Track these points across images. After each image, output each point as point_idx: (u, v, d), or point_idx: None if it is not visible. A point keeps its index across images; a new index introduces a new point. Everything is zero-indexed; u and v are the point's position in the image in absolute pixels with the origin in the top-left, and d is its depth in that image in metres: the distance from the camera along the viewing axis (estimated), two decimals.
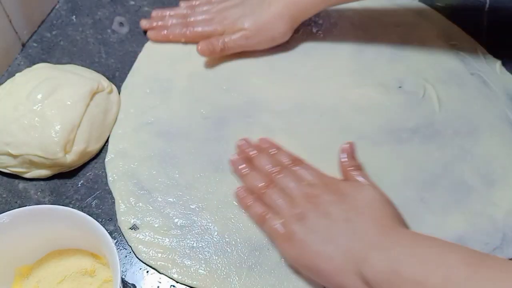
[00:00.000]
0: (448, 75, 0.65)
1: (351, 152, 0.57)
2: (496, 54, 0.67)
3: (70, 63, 0.68)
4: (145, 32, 0.70)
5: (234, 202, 0.56)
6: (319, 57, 0.67)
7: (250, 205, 0.54)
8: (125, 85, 0.65)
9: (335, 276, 0.46)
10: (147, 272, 0.52)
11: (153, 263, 0.52)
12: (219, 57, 0.66)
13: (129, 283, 0.51)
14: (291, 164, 0.55)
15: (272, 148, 0.58)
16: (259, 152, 0.57)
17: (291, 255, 0.50)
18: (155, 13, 0.71)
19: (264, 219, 0.52)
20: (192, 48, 0.68)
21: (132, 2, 0.74)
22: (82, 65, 0.67)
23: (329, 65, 0.66)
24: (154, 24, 0.70)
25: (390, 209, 0.50)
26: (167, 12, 0.71)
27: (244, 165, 0.57)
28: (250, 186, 0.55)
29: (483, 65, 0.66)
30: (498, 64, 0.66)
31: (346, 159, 0.56)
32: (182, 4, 0.72)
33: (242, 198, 0.55)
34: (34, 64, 0.64)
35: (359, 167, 0.56)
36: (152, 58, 0.68)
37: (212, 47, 0.65)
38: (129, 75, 0.66)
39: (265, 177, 0.55)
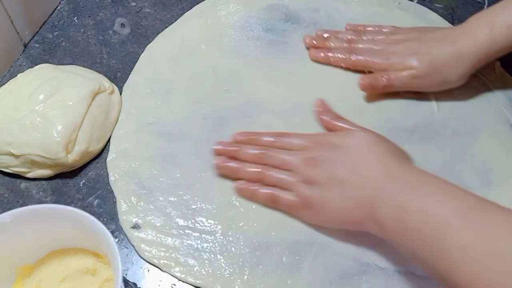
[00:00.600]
0: None
1: (325, 106, 0.58)
2: None
3: (71, 63, 0.68)
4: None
5: (235, 202, 0.56)
6: None
7: (255, 192, 0.54)
8: (126, 86, 0.66)
9: (358, 225, 0.49)
10: (148, 271, 0.52)
11: (156, 261, 0.52)
12: (380, 93, 0.63)
13: (130, 282, 0.52)
14: (274, 141, 0.56)
15: (249, 135, 0.58)
16: (238, 146, 0.57)
17: (314, 220, 0.52)
18: (320, 31, 0.68)
19: (275, 197, 0.53)
20: (192, 49, 0.69)
21: (134, 3, 0.75)
22: (84, 66, 0.67)
23: (329, 65, 0.66)
24: (318, 43, 0.67)
25: (389, 147, 0.52)
26: (332, 34, 0.67)
27: (230, 163, 0.56)
28: (245, 176, 0.55)
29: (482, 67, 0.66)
30: (497, 64, 0.66)
31: (325, 114, 0.57)
32: (348, 27, 0.69)
33: (244, 188, 0.55)
34: (36, 64, 0.65)
35: (339, 116, 0.56)
36: (153, 59, 0.68)
37: (376, 83, 0.61)
38: (130, 76, 0.67)
39: (256, 162, 0.55)
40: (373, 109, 0.62)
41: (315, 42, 0.67)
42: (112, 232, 0.54)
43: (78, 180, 0.58)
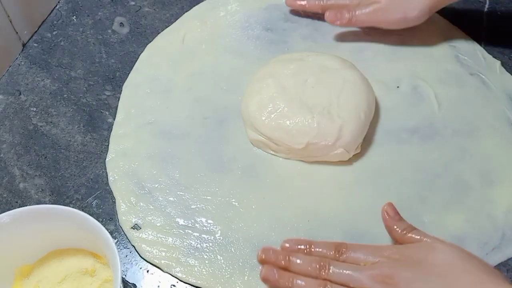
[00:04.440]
0: (447, 76, 0.65)
1: (395, 213, 0.49)
2: (495, 54, 0.67)
3: (70, 63, 0.68)
4: None
5: (235, 202, 0.56)
6: None
7: None
8: (125, 85, 0.66)
9: None
10: (148, 271, 0.52)
11: (157, 262, 0.52)
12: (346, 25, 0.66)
13: (129, 282, 0.52)
14: (335, 254, 0.46)
15: (301, 244, 0.48)
16: (288, 256, 0.46)
17: None
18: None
19: None
20: (192, 48, 0.69)
21: (133, 3, 0.75)
22: (83, 66, 0.67)
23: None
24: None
25: (479, 263, 0.43)
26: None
27: (282, 277, 0.45)
28: None
29: (482, 66, 0.66)
30: (497, 64, 0.66)
31: (396, 225, 0.48)
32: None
33: None
34: (34, 64, 0.64)
35: (412, 227, 0.48)
36: (153, 59, 0.68)
37: (340, 16, 0.65)
38: (129, 76, 0.66)
39: (315, 280, 0.45)
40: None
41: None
42: (111, 233, 0.54)
43: (77, 181, 0.58)
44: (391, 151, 0.59)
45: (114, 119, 0.63)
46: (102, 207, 0.56)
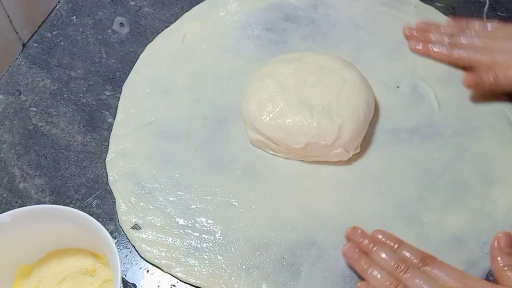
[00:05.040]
0: (447, 75, 0.65)
1: (507, 244, 0.49)
2: None
3: (70, 63, 0.68)
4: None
5: (235, 202, 0.56)
6: None
7: None
8: (125, 85, 0.66)
9: None
10: (148, 271, 0.52)
11: (157, 262, 0.52)
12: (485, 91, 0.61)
13: (129, 282, 0.52)
14: (419, 262, 0.48)
15: (391, 241, 0.50)
16: (375, 246, 0.50)
17: None
18: (420, 24, 0.67)
19: None
20: (192, 48, 0.69)
21: (133, 3, 0.75)
22: (83, 66, 0.67)
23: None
24: (418, 35, 0.66)
25: None
26: (433, 26, 0.66)
27: (361, 260, 0.49)
28: (373, 285, 0.48)
29: None
30: None
31: (501, 257, 0.48)
32: (449, 21, 0.67)
33: None
34: (34, 64, 0.64)
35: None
36: (153, 59, 0.68)
37: (481, 81, 0.59)
38: (129, 75, 0.66)
39: (389, 276, 0.47)
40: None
41: (415, 34, 0.66)
42: (111, 233, 0.54)
43: (77, 181, 0.58)
44: (391, 151, 0.59)
45: (114, 119, 0.63)
46: (102, 207, 0.56)
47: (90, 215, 0.45)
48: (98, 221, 0.45)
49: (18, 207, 0.49)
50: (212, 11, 0.72)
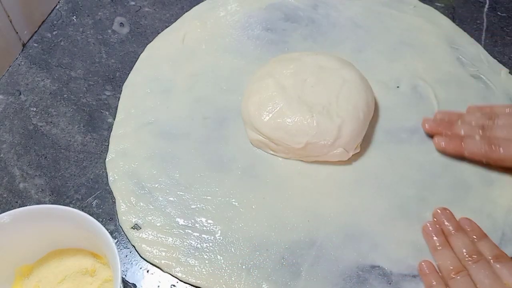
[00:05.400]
0: (447, 76, 0.65)
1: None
2: (495, 54, 0.67)
3: (70, 63, 0.68)
4: None
5: (234, 202, 0.56)
6: None
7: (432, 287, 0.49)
8: (125, 85, 0.66)
9: None
10: (148, 271, 0.52)
11: (157, 262, 0.52)
12: None
13: (129, 282, 0.52)
14: (492, 258, 0.48)
15: (475, 233, 0.51)
16: (456, 231, 0.51)
17: None
18: (440, 115, 0.59)
19: None
20: (192, 48, 0.69)
21: (133, 3, 0.75)
22: (83, 66, 0.67)
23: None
24: (443, 130, 0.58)
25: None
26: (457, 117, 0.58)
27: (437, 238, 0.51)
28: (439, 263, 0.50)
29: (484, 67, 0.66)
30: (504, 72, 0.65)
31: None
32: (471, 110, 0.59)
33: (426, 274, 0.50)
34: (34, 64, 0.64)
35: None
36: (153, 59, 0.68)
37: None
38: (129, 76, 0.66)
39: (457, 261, 0.49)
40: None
41: (438, 128, 0.58)
42: (111, 233, 0.54)
43: (77, 181, 0.58)
44: (391, 151, 0.59)
45: (114, 119, 0.63)
46: (102, 207, 0.56)
47: (90, 215, 0.45)
48: (98, 221, 0.45)
49: (18, 207, 0.49)
50: (212, 11, 0.72)
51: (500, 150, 0.53)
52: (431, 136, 0.59)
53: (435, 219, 0.53)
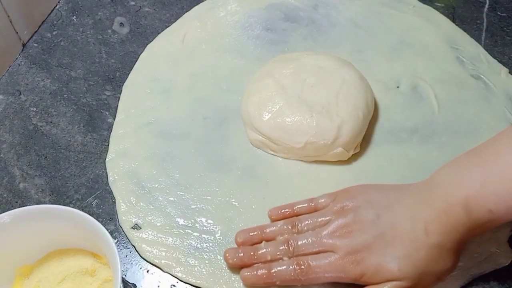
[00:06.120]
0: (447, 76, 0.65)
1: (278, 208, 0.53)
2: (495, 54, 0.67)
3: (70, 63, 0.68)
4: None
5: (234, 202, 0.56)
6: None
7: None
8: (125, 85, 0.66)
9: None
10: (148, 271, 0.52)
11: (157, 262, 0.52)
12: None
13: (129, 282, 0.52)
14: (288, 228, 0.51)
15: (253, 231, 0.51)
16: (251, 250, 0.50)
17: (372, 267, 0.46)
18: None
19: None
20: (192, 48, 0.69)
21: (133, 3, 0.75)
22: (83, 66, 0.67)
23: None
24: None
25: (388, 185, 0.52)
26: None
27: (257, 271, 0.49)
28: (283, 278, 0.48)
29: (484, 67, 0.66)
30: (504, 71, 0.65)
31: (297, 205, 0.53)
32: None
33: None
34: (34, 64, 0.64)
35: (311, 199, 0.53)
36: (153, 59, 0.68)
37: None
38: (129, 76, 0.66)
39: (287, 261, 0.49)
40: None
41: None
42: (111, 233, 0.54)
43: (77, 181, 0.58)
44: (390, 151, 0.59)
45: (114, 119, 0.63)
46: (102, 207, 0.56)
47: (90, 215, 0.45)
48: (98, 221, 0.45)
49: (18, 207, 0.49)
50: (212, 11, 0.72)
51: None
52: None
53: (234, 266, 0.51)
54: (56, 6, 0.74)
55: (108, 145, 0.61)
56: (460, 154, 0.47)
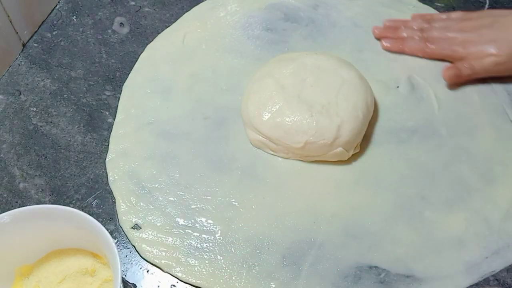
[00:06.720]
0: None
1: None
2: None
3: (70, 63, 0.68)
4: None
5: (234, 202, 0.56)
6: None
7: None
8: (125, 85, 0.66)
9: None
10: (148, 271, 0.52)
11: (157, 261, 0.52)
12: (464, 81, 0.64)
13: (129, 282, 0.52)
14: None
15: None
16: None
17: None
18: (388, 22, 0.70)
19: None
20: (192, 48, 0.69)
21: (133, 3, 0.75)
22: (83, 66, 0.67)
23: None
24: (389, 34, 0.69)
25: None
26: (401, 23, 0.69)
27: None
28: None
29: None
30: None
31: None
32: (415, 16, 0.70)
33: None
34: (34, 64, 0.64)
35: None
36: (153, 59, 0.68)
37: (460, 73, 0.63)
38: (130, 76, 0.67)
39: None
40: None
41: (385, 33, 0.69)
42: (111, 233, 0.54)
43: (77, 181, 0.58)
44: (390, 150, 0.59)
45: (114, 119, 0.63)
46: (102, 207, 0.56)
47: (90, 215, 0.45)
48: (98, 221, 0.45)
49: (18, 207, 0.49)
50: (212, 11, 0.72)
51: (435, 47, 0.65)
52: (386, 49, 0.68)
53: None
54: (56, 6, 0.74)
55: (108, 145, 0.61)
56: None
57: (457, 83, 0.64)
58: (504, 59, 0.61)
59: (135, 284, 0.52)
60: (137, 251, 0.53)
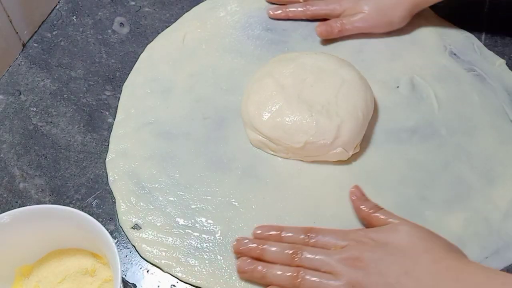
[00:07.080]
0: (446, 74, 0.65)
1: (361, 194, 0.54)
2: (495, 53, 0.67)
3: (70, 63, 0.68)
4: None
5: (234, 202, 0.56)
6: None
7: None
8: (125, 85, 0.66)
9: None
10: (148, 271, 0.52)
11: (157, 261, 0.52)
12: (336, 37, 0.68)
13: (129, 282, 0.52)
14: (305, 238, 0.50)
15: (271, 230, 0.51)
16: (261, 243, 0.50)
17: None
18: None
19: None
20: (192, 48, 0.69)
21: (133, 3, 0.75)
22: (83, 66, 0.67)
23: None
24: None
25: (440, 242, 0.47)
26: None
27: (257, 267, 0.49)
28: (277, 282, 0.48)
29: (480, 62, 0.66)
30: (498, 62, 0.66)
31: (363, 205, 0.52)
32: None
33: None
34: (34, 64, 0.64)
35: (378, 207, 0.52)
36: (153, 59, 0.68)
37: (331, 29, 0.67)
38: (130, 76, 0.66)
39: (288, 267, 0.48)
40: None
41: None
42: (111, 233, 0.54)
43: (77, 181, 0.58)
44: (390, 151, 0.59)
45: (114, 119, 0.63)
46: (102, 207, 0.56)
47: (90, 215, 0.45)
48: (98, 221, 0.45)
49: (18, 207, 0.49)
50: (212, 11, 0.72)
51: (313, 8, 0.70)
52: (273, 17, 0.71)
53: (238, 253, 0.51)
54: (56, 6, 0.74)
55: (108, 145, 0.61)
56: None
57: (328, 38, 0.68)
58: (370, 16, 0.66)
59: (135, 284, 0.52)
60: (137, 251, 0.53)
